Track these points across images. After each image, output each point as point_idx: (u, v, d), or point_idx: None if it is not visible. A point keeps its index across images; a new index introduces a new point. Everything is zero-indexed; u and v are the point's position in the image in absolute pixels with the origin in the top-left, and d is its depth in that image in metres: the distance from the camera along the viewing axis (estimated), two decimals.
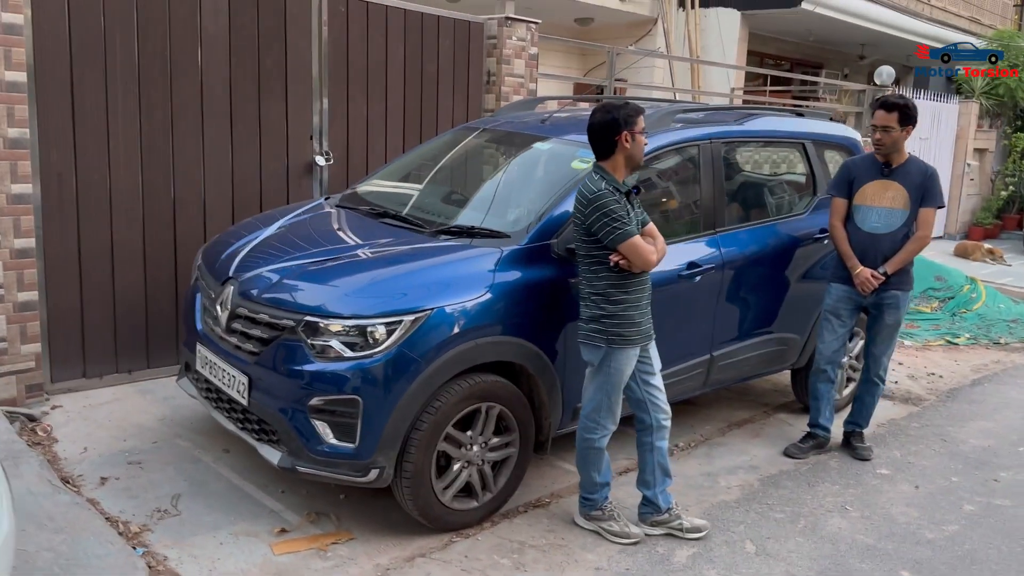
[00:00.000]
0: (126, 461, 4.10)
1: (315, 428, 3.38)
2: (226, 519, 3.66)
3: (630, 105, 3.51)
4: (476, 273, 3.60)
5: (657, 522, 3.79)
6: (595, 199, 3.42)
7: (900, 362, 6.85)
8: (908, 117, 4.45)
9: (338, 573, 3.33)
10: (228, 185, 5.27)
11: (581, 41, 9.62)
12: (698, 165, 4.48)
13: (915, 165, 4.53)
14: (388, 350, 3.33)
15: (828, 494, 4.32)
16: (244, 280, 3.74)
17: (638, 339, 3.55)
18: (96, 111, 4.72)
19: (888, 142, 4.45)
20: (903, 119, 4.44)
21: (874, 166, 4.58)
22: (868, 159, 4.64)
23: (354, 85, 5.79)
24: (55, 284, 4.72)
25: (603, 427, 3.64)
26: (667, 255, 4.16)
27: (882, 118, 4.46)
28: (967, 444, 5.14)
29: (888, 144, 4.45)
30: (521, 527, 3.78)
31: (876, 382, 4.79)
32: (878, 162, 4.56)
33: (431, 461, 3.49)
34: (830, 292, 4.70)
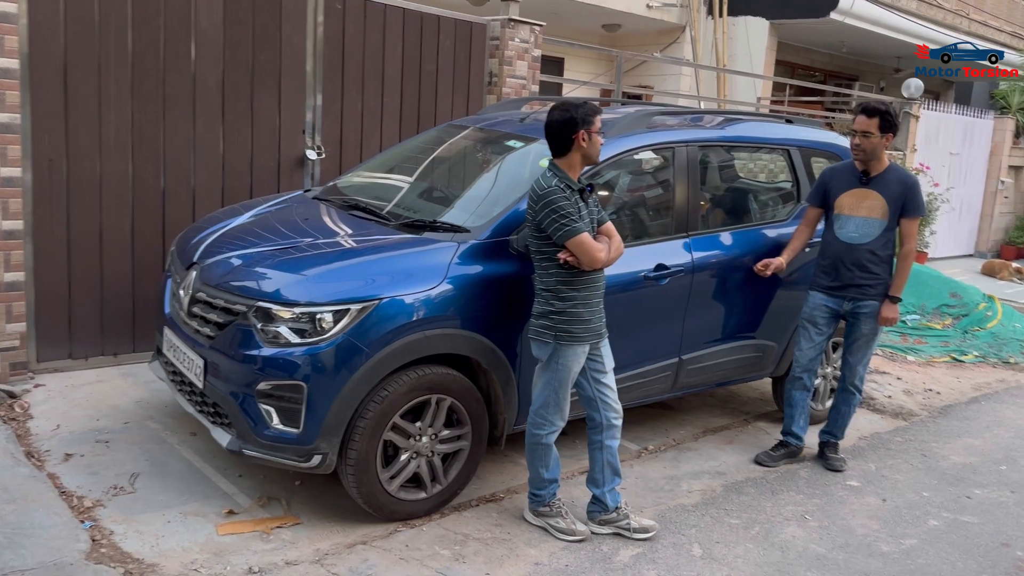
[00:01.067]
0: (94, 439, 4.20)
1: (262, 412, 3.45)
2: (179, 499, 3.73)
3: (588, 104, 3.53)
4: (429, 266, 3.64)
5: (605, 521, 3.79)
6: (545, 195, 3.44)
7: (899, 377, 6.75)
8: (889, 124, 4.39)
9: (276, 555, 3.38)
10: (218, 176, 5.38)
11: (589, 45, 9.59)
12: (672, 168, 4.47)
13: (895, 174, 4.47)
14: (334, 338, 3.39)
15: (790, 503, 4.28)
16: (206, 266, 3.82)
17: (587, 337, 3.56)
18: (88, 100, 4.85)
19: (868, 148, 4.40)
20: (884, 125, 4.38)
21: (852, 175, 4.53)
22: (847, 167, 4.59)
23: (349, 82, 5.88)
24: (43, 267, 4.86)
25: (551, 423, 3.65)
26: (633, 256, 4.22)
27: (862, 123, 4.41)
28: (948, 460, 5.04)
29: (867, 150, 4.40)
30: (469, 520, 3.81)
31: (852, 391, 4.73)
32: (857, 171, 4.51)
33: (376, 450, 3.53)
34: (808, 300, 4.66)
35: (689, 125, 4.74)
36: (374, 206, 4.24)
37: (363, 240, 3.85)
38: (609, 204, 4.40)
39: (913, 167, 11.54)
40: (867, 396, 6.15)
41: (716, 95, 13.34)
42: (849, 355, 4.68)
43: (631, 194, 4.55)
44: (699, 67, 12.85)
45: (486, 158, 4.65)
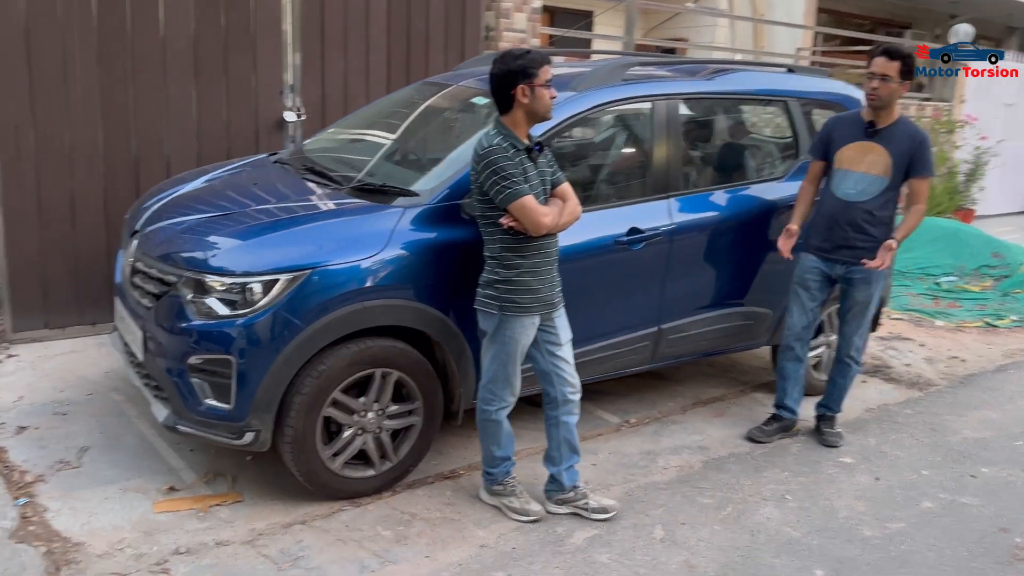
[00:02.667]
0: (53, 412, 4.14)
1: (194, 387, 3.31)
2: (123, 474, 3.64)
3: (531, 54, 3.24)
4: (370, 233, 3.43)
5: (562, 500, 3.59)
6: (485, 155, 3.19)
7: (922, 344, 6.35)
8: (910, 71, 4.01)
9: (209, 535, 3.26)
10: (192, 140, 5.23)
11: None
12: (650, 123, 4.17)
13: (904, 128, 4.09)
14: (262, 310, 3.22)
15: (772, 481, 4.01)
16: (145, 234, 3.69)
17: (535, 307, 3.32)
18: (53, 64, 4.73)
19: (885, 94, 4.00)
20: (905, 71, 3.99)
21: (857, 126, 4.15)
22: (852, 117, 4.22)
23: (330, 40, 5.66)
24: (14, 236, 4.80)
25: (500, 399, 3.44)
26: (604, 219, 3.97)
27: (882, 65, 3.99)
28: (959, 435, 4.69)
29: (884, 96, 4.00)
30: (421, 498, 3.64)
31: (848, 363, 4.41)
32: (862, 121, 4.13)
33: (315, 427, 3.37)
34: (799, 262, 4.32)
35: (671, 77, 4.42)
36: (329, 169, 4.04)
37: (306, 206, 3.65)
38: (578, 164, 4.13)
39: (960, 119, 10.90)
40: (883, 364, 5.80)
41: (753, 47, 12.77)
42: (844, 325, 4.35)
43: (603, 153, 4.27)
44: (734, 17, 12.29)
45: (452, 117, 4.40)
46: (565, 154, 4.05)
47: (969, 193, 10.98)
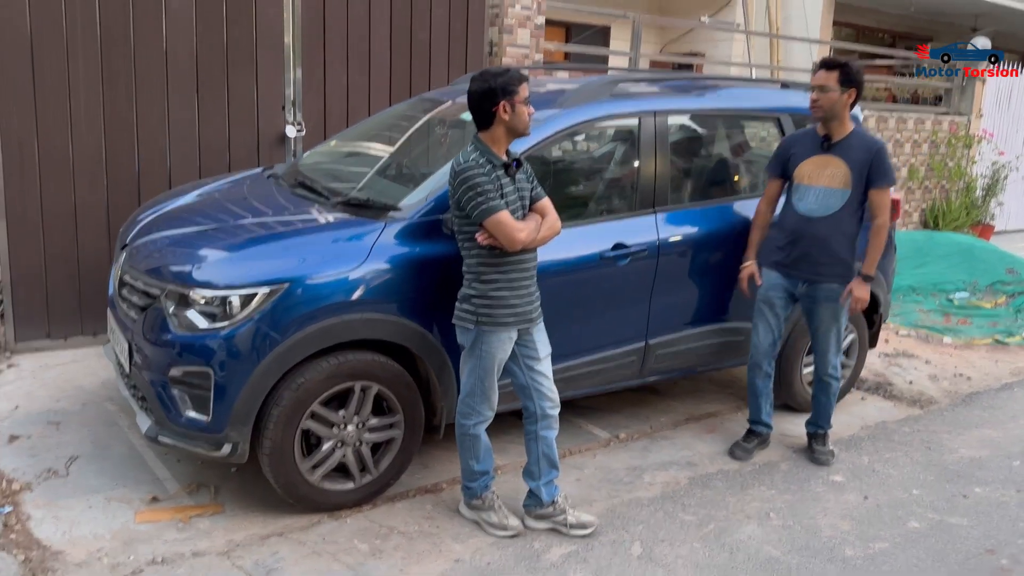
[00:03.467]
0: (47, 421, 4.21)
1: (175, 398, 3.35)
2: (109, 484, 3.69)
3: (511, 72, 3.27)
4: (349, 247, 3.46)
5: (541, 515, 3.58)
6: (462, 171, 3.22)
7: (928, 360, 6.27)
8: (850, 79, 3.99)
9: (186, 545, 3.29)
10: (194, 153, 5.31)
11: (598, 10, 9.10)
12: (637, 139, 4.17)
13: (859, 139, 4.08)
14: (241, 323, 3.26)
15: (757, 498, 3.98)
16: (134, 247, 3.75)
17: (512, 322, 3.33)
18: (56, 77, 4.83)
19: (825, 104, 3.99)
20: (844, 80, 3.98)
21: (813, 140, 4.14)
22: (809, 133, 4.20)
23: (332, 55, 5.72)
24: (18, 247, 4.90)
25: (478, 413, 3.45)
26: (589, 234, 3.98)
27: (820, 77, 4.00)
28: (955, 454, 4.63)
29: (826, 107, 4.00)
30: (400, 512, 3.65)
31: (828, 381, 4.35)
32: (818, 136, 4.12)
33: (293, 439, 3.39)
34: (762, 279, 4.28)
35: (661, 93, 4.42)
36: (319, 184, 4.08)
37: (290, 220, 3.70)
38: (563, 180, 4.14)
39: (976, 133, 10.78)
40: (885, 381, 5.74)
41: (769, 61, 12.74)
42: (816, 344, 4.31)
43: (589, 168, 4.28)
44: (749, 33, 12.26)
45: (443, 133, 4.43)
46: (550, 170, 4.07)
47: (986, 208, 10.84)
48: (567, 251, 3.89)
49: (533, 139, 3.84)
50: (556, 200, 3.97)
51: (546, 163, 4.03)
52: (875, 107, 10.46)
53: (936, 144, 10.43)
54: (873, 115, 9.72)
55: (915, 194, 10.49)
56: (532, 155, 3.86)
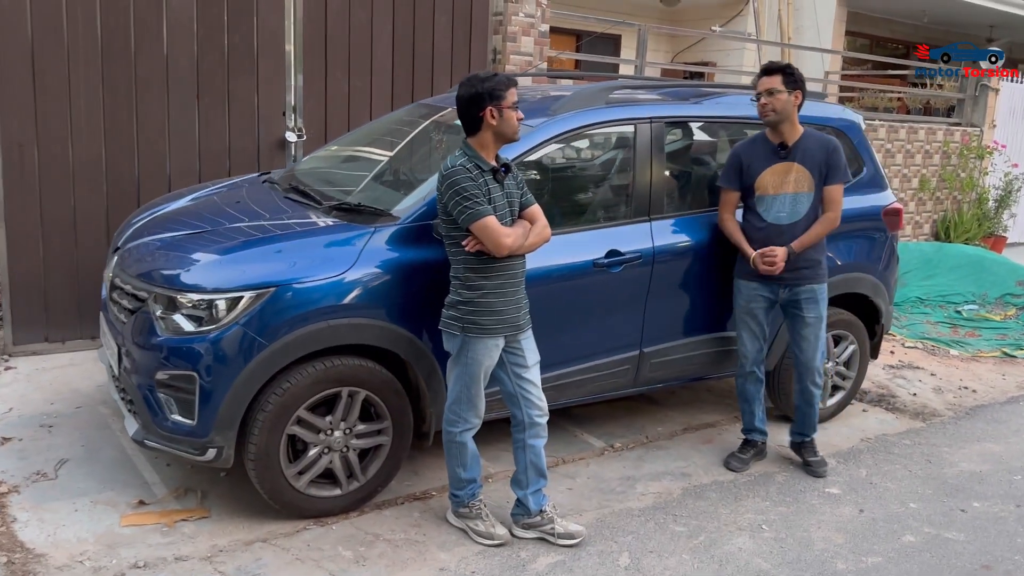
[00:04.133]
0: (39, 424, 4.21)
1: (161, 402, 3.35)
2: (97, 487, 3.69)
3: (498, 77, 3.26)
4: (337, 252, 3.45)
5: (528, 525, 3.55)
6: (448, 176, 3.20)
7: (933, 373, 6.19)
8: (793, 81, 3.99)
9: (169, 550, 3.28)
10: (194, 159, 5.33)
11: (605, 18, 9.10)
12: (632, 146, 4.14)
13: (814, 140, 4.06)
14: (226, 327, 3.25)
15: (751, 510, 3.92)
16: (125, 250, 3.76)
17: (499, 329, 3.31)
18: (57, 83, 4.86)
19: (778, 107, 3.96)
20: (788, 81, 3.98)
21: (767, 148, 4.09)
22: (760, 141, 4.14)
23: (333, 62, 5.74)
24: (17, 251, 4.92)
25: (465, 420, 3.42)
26: (583, 241, 3.96)
27: (765, 82, 4.00)
28: (955, 468, 4.56)
29: (779, 109, 3.97)
30: (388, 519, 3.63)
31: (812, 389, 4.28)
32: (771, 143, 4.08)
33: (279, 444, 3.38)
34: (739, 290, 4.22)
35: (657, 100, 4.40)
36: (313, 190, 4.08)
37: (280, 225, 3.69)
38: (556, 186, 4.12)
39: (989, 144, 10.67)
40: (888, 394, 5.67)
41: None
42: (798, 351, 4.24)
43: (583, 175, 4.24)
44: (760, 42, 12.21)
45: (439, 139, 4.42)
46: (544, 176, 4.05)
47: (999, 220, 10.72)
48: (560, 257, 3.87)
49: (525, 145, 3.82)
50: (550, 207, 3.98)
51: (539, 170, 4.02)
52: (885, 117, 10.38)
53: (948, 155, 10.33)
54: (883, 125, 9.64)
55: (926, 205, 10.39)
56: (524, 161, 3.86)
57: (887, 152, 9.76)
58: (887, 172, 9.87)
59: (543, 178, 4.04)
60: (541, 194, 4.00)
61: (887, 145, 9.74)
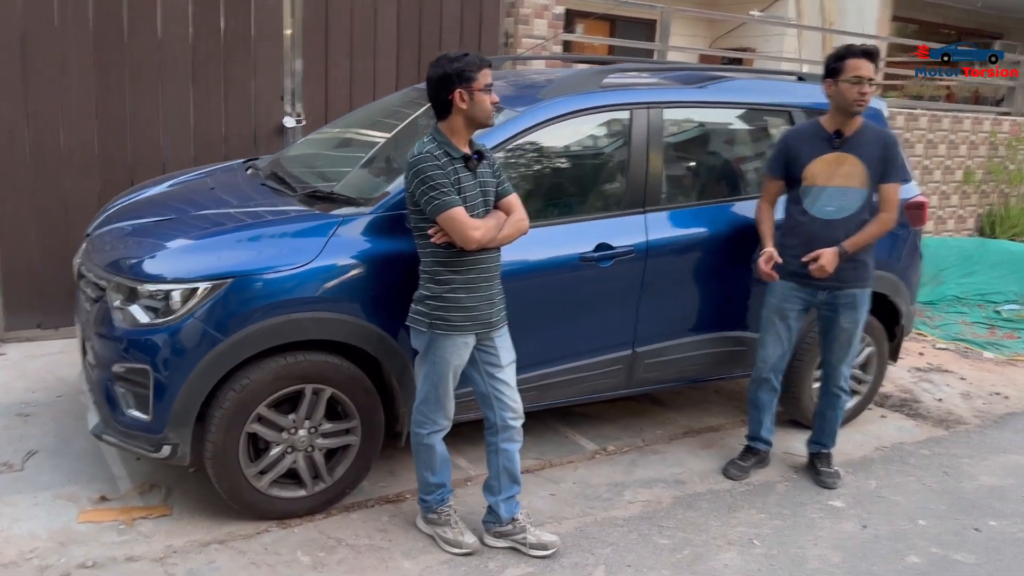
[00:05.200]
0: (16, 413, 4.14)
1: (118, 396, 3.23)
2: (62, 480, 3.59)
3: (469, 57, 3.05)
4: (301, 242, 3.29)
5: (500, 533, 3.36)
6: (414, 163, 3.01)
7: (963, 377, 5.85)
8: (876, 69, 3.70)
9: (122, 549, 3.16)
10: (189, 145, 5.23)
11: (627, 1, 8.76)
12: (627, 133, 3.91)
13: (872, 133, 3.74)
14: (180, 319, 3.11)
15: (744, 523, 3.68)
16: (92, 237, 3.65)
17: (468, 326, 3.11)
18: (48, 67, 4.78)
19: (869, 98, 3.69)
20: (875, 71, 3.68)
21: (820, 136, 3.80)
22: (813, 128, 3.85)
23: (335, 46, 5.58)
24: (9, 237, 4.87)
25: (433, 422, 3.24)
26: (569, 234, 3.76)
27: (869, 68, 3.66)
28: (974, 482, 4.25)
29: (868, 101, 3.68)
30: (355, 523, 3.47)
31: (837, 394, 4.04)
32: (825, 131, 3.79)
33: (237, 443, 3.23)
34: (773, 289, 3.95)
35: (657, 85, 4.15)
36: (290, 176, 3.92)
37: (246, 213, 3.54)
38: (542, 175, 3.89)
39: None
40: (911, 399, 5.35)
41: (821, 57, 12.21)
42: (829, 354, 3.98)
43: (571, 164, 4.01)
44: (801, 27, 11.78)
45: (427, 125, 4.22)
46: (530, 164, 3.83)
47: None
48: (544, 251, 3.67)
49: (510, 131, 3.63)
50: (536, 197, 3.78)
51: (526, 157, 3.80)
52: (927, 106, 9.92)
53: (995, 146, 9.84)
54: (925, 114, 9.21)
55: (970, 198, 9.92)
56: (509, 148, 3.65)
57: (929, 143, 9.32)
58: (929, 164, 9.44)
59: (529, 166, 3.82)
60: (527, 184, 3.79)
61: (929, 135, 9.30)
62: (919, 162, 9.32)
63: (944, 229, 9.86)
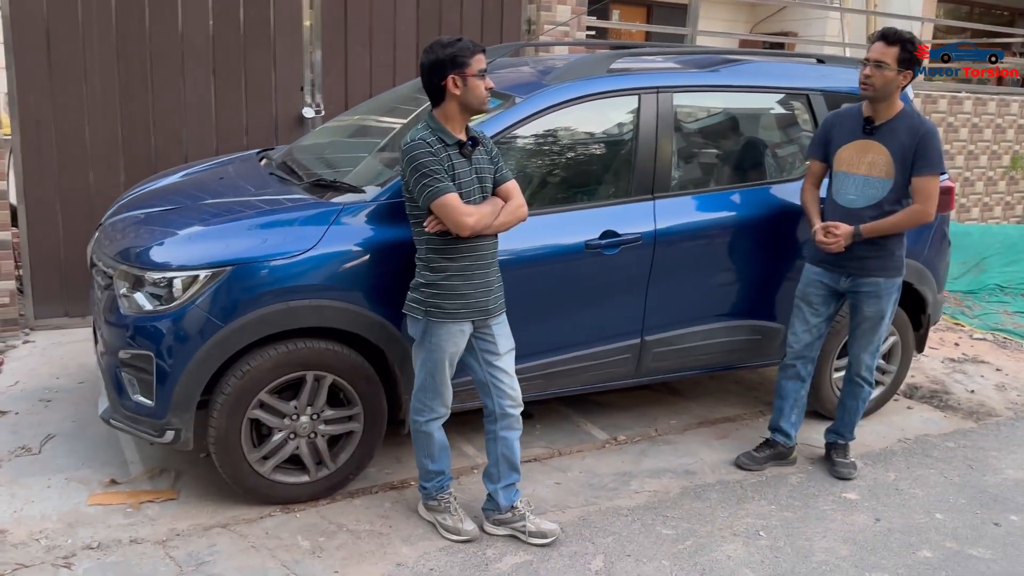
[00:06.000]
0: (39, 398, 4.25)
1: (124, 381, 3.29)
2: (76, 464, 3.68)
3: (462, 42, 3.03)
4: (301, 230, 3.30)
5: (499, 521, 3.35)
6: (407, 151, 3.01)
7: (999, 368, 5.68)
8: (910, 60, 3.53)
9: (127, 532, 3.23)
10: (211, 135, 5.29)
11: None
12: (636, 118, 3.85)
13: (905, 122, 3.61)
14: (182, 306, 3.15)
15: (752, 514, 3.62)
16: (104, 226, 3.72)
17: (464, 313, 3.10)
18: (72, 60, 4.88)
19: (879, 82, 3.54)
20: (903, 59, 3.52)
21: (855, 122, 3.71)
22: (853, 113, 3.76)
23: (354, 36, 5.60)
24: (36, 227, 4.99)
25: (430, 409, 3.24)
26: (574, 221, 3.74)
27: (878, 51, 3.54)
28: (998, 475, 4.12)
29: (878, 86, 3.55)
30: (356, 509, 3.49)
31: (860, 383, 3.95)
32: (861, 117, 3.69)
33: (239, 428, 3.27)
34: (803, 274, 3.91)
35: (666, 69, 4.09)
36: (298, 165, 3.95)
37: (249, 202, 3.57)
38: (548, 162, 3.86)
39: None
40: (942, 390, 5.21)
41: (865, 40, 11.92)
42: (853, 341, 3.90)
43: (580, 150, 3.96)
44: (844, 10, 11.52)
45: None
46: (535, 151, 3.80)
47: None
48: (548, 238, 3.64)
49: (515, 116, 3.61)
50: (542, 184, 3.76)
51: (531, 143, 3.77)
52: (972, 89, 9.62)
53: None
54: (969, 98, 8.93)
55: (1018, 184, 9.61)
56: (515, 135, 3.63)
57: (974, 127, 9.05)
58: (974, 148, 9.17)
59: (535, 153, 3.80)
60: (533, 170, 3.77)
61: (974, 119, 9.03)
62: (964, 147, 9.06)
63: (991, 216, 9.58)
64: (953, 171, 9.02)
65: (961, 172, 9.13)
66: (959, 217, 9.25)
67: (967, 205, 9.33)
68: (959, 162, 9.06)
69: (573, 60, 3.94)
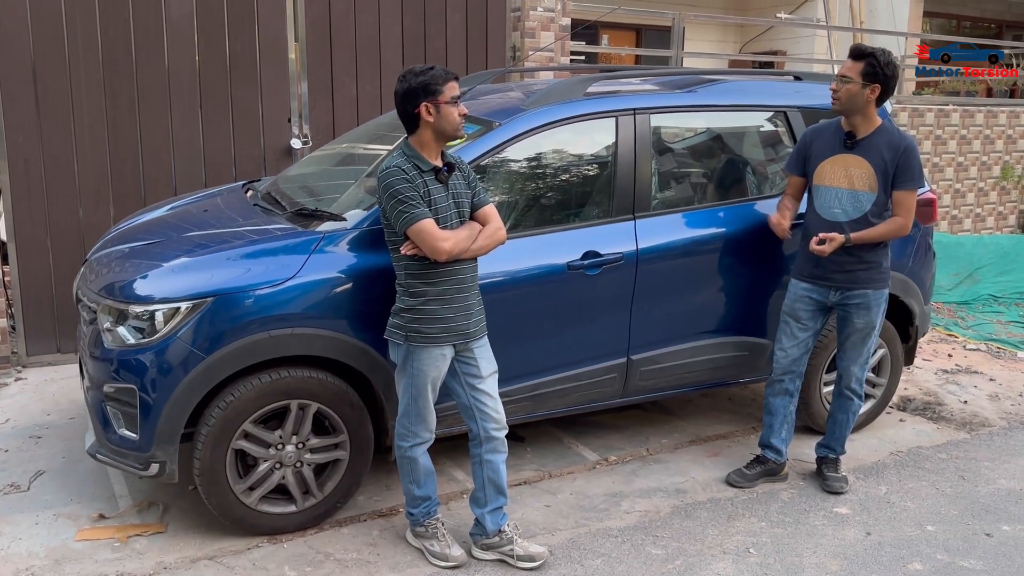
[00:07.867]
0: (29, 435, 4.26)
1: (109, 415, 3.30)
2: (64, 499, 3.68)
3: (435, 71, 3.07)
4: (282, 260, 3.32)
5: (487, 545, 3.34)
6: (383, 178, 3.04)
7: (992, 378, 5.67)
8: (875, 74, 3.57)
9: (114, 566, 3.22)
10: (199, 169, 5.33)
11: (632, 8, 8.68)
12: (614, 140, 3.88)
13: (885, 137, 3.64)
14: (164, 338, 3.16)
15: (742, 532, 3.60)
16: (89, 263, 3.75)
17: (444, 337, 3.12)
18: (60, 97, 4.94)
19: (843, 96, 3.61)
20: (868, 73, 3.57)
21: (835, 136, 3.74)
22: (832, 127, 3.80)
23: (340, 67, 5.66)
24: (27, 264, 5.02)
25: (415, 434, 3.24)
26: (555, 243, 3.75)
27: (846, 66, 3.64)
28: (992, 486, 4.10)
29: (843, 100, 3.62)
30: (344, 537, 3.48)
31: (849, 396, 3.95)
32: (842, 131, 3.72)
33: (224, 459, 3.27)
34: (789, 290, 3.92)
35: (643, 91, 4.12)
36: (282, 195, 3.98)
37: (231, 233, 3.60)
38: (528, 185, 3.89)
39: None
40: (935, 401, 5.20)
41: None
42: (842, 355, 3.91)
43: (560, 173, 3.99)
44: (831, 28, 11.61)
45: None
46: (515, 174, 3.83)
47: None
48: (530, 260, 3.66)
49: (494, 141, 3.64)
50: (523, 207, 3.78)
51: (511, 167, 3.80)
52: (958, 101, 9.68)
53: None
54: (956, 110, 8.98)
55: (1010, 194, 9.64)
56: (495, 159, 3.66)
57: (962, 139, 9.09)
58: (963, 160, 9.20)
59: (516, 176, 3.82)
60: (513, 194, 3.80)
61: (962, 131, 9.08)
62: (952, 159, 9.10)
63: (984, 227, 9.61)
64: (943, 183, 9.05)
65: (951, 184, 9.16)
66: (951, 229, 9.27)
67: (959, 217, 9.35)
68: (948, 174, 9.10)
69: (551, 84, 3.98)
